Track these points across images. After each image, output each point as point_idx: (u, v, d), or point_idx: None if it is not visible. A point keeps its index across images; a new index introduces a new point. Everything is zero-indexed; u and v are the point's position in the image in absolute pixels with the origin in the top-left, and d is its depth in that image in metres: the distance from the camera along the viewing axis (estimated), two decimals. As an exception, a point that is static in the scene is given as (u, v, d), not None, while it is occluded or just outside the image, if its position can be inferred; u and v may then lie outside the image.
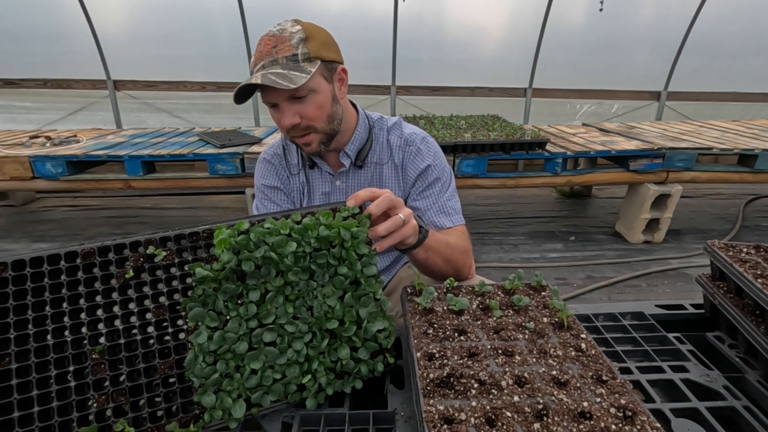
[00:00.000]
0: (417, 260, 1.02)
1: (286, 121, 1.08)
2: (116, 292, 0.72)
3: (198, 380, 0.70)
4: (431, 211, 1.24)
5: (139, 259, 0.73)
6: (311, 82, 1.04)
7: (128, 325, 0.71)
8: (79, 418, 0.66)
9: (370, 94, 5.03)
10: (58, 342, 0.68)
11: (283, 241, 0.74)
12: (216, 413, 0.70)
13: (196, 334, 0.70)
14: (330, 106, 1.12)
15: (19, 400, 0.65)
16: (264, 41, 1.05)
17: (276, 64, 1.02)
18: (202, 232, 0.77)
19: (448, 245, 1.07)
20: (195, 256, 0.75)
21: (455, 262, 1.10)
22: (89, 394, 0.67)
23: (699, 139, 3.69)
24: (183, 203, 4.53)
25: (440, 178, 1.26)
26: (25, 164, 3.13)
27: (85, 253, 0.72)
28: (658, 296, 2.86)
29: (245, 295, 0.73)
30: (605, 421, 0.61)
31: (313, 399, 0.75)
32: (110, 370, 0.69)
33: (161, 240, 0.75)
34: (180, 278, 0.74)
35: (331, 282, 0.78)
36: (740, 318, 0.88)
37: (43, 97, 4.82)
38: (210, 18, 4.63)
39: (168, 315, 0.73)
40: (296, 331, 0.75)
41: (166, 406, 0.70)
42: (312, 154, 1.21)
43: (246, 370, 0.72)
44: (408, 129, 1.31)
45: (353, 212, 0.82)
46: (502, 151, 3.31)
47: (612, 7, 4.51)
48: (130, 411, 0.68)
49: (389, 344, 0.81)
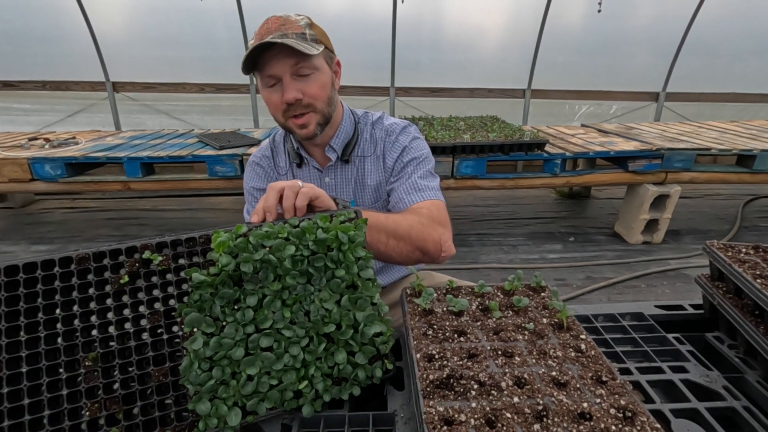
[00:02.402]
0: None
1: (289, 95, 1.06)
2: (110, 298, 0.71)
3: (193, 387, 0.69)
4: (402, 189, 1.20)
5: (134, 265, 0.73)
6: (318, 60, 1.06)
7: (122, 331, 0.70)
8: (71, 427, 0.65)
9: (369, 95, 5.04)
10: (50, 349, 0.67)
11: (281, 245, 0.74)
12: (211, 421, 0.69)
13: (192, 339, 0.69)
14: (330, 89, 1.13)
15: (9, 408, 0.64)
16: (271, 20, 1.05)
17: (287, 37, 1.02)
18: (198, 238, 0.77)
19: (392, 220, 1.00)
20: (191, 261, 0.75)
21: (410, 237, 1.01)
22: (82, 403, 0.66)
23: (697, 139, 3.69)
24: (182, 205, 4.52)
25: (416, 158, 1.24)
26: (24, 166, 3.13)
27: (80, 258, 0.71)
28: (657, 297, 2.86)
29: (242, 299, 0.73)
30: (605, 421, 0.61)
31: (310, 406, 0.74)
32: (103, 377, 0.68)
33: (157, 245, 0.75)
34: (176, 284, 0.74)
35: (328, 285, 0.77)
36: (739, 318, 0.88)
37: (42, 99, 4.82)
38: (209, 20, 4.63)
39: (163, 321, 0.72)
40: (293, 336, 0.74)
41: (160, 415, 0.68)
42: (307, 137, 1.17)
43: (242, 376, 0.71)
44: (389, 120, 1.31)
45: (350, 216, 0.83)
46: (501, 152, 3.31)
47: (610, 8, 4.53)
48: (123, 420, 0.67)
49: (387, 349, 0.80)
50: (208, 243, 0.76)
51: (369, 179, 1.28)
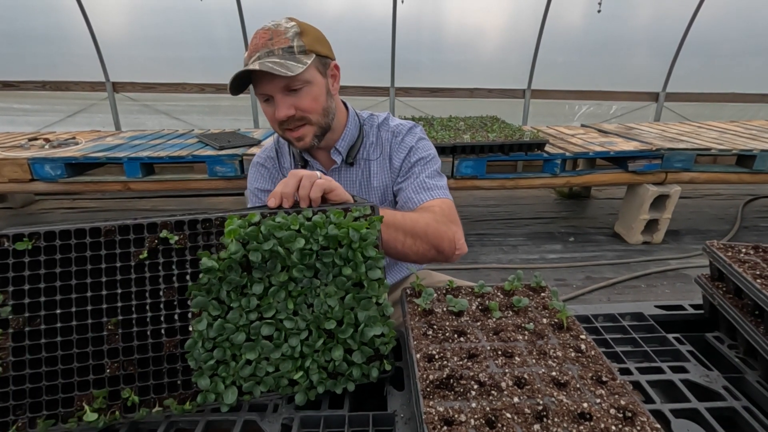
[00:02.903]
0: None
1: (281, 113, 1.06)
2: (132, 270, 0.75)
3: (196, 364, 0.73)
4: (410, 189, 1.20)
5: (154, 241, 0.76)
6: (307, 73, 1.04)
7: (142, 301, 0.75)
8: (95, 380, 0.72)
9: (369, 95, 5.04)
10: (80, 311, 0.73)
11: (291, 237, 0.74)
12: (210, 396, 0.74)
13: (197, 320, 0.73)
14: (324, 99, 1.12)
15: (46, 358, 0.71)
16: (259, 35, 1.05)
17: (272, 55, 1.02)
18: (215, 219, 0.77)
19: (409, 218, 1.00)
20: (207, 242, 0.77)
21: (426, 235, 1.02)
22: (104, 361, 0.73)
23: (697, 139, 3.69)
24: (182, 205, 4.53)
25: (423, 158, 1.24)
26: (24, 166, 3.13)
27: (107, 230, 0.75)
28: (657, 297, 2.87)
29: (249, 287, 0.74)
30: (605, 422, 0.61)
31: (303, 394, 0.76)
32: (123, 341, 0.73)
33: (176, 224, 0.77)
34: (190, 263, 0.76)
35: (334, 282, 0.77)
36: (739, 318, 0.88)
37: (42, 99, 4.82)
38: (209, 20, 4.63)
39: (177, 297, 0.76)
40: (294, 327, 0.75)
41: (169, 381, 0.74)
42: (305, 149, 1.19)
43: (241, 359, 0.74)
44: (394, 122, 1.31)
45: (365, 213, 0.81)
46: (501, 152, 3.31)
47: (610, 8, 4.53)
48: (137, 380, 0.73)
49: (387, 351, 0.80)
50: (223, 225, 0.76)
51: (375, 181, 1.27)
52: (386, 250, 0.95)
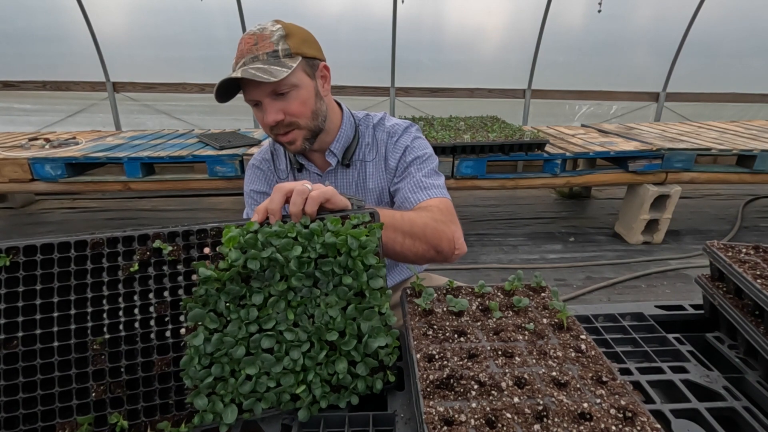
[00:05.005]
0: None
1: (269, 118, 1.06)
2: (121, 284, 0.72)
3: (192, 382, 0.69)
4: (407, 188, 1.18)
5: (145, 253, 0.73)
6: (293, 77, 1.03)
7: (131, 318, 0.71)
8: (79, 405, 0.67)
9: (369, 95, 5.04)
10: (62, 330, 0.69)
11: (288, 245, 0.72)
12: (207, 416, 0.69)
13: (193, 335, 0.69)
14: (313, 102, 1.10)
15: (24, 383, 0.67)
16: (244, 40, 1.04)
17: (257, 61, 1.01)
18: (210, 230, 0.76)
19: (407, 218, 0.99)
20: (201, 253, 0.75)
21: (425, 235, 1.00)
22: (89, 384, 0.68)
23: (698, 139, 3.69)
24: (182, 205, 4.53)
25: (419, 158, 1.23)
26: (24, 166, 3.13)
27: (94, 243, 0.72)
28: (657, 297, 2.87)
29: (248, 297, 0.72)
30: (605, 422, 0.61)
31: (306, 411, 0.73)
32: (110, 361, 0.69)
33: (169, 235, 0.75)
34: (185, 275, 0.74)
35: (335, 291, 0.75)
36: (740, 318, 0.88)
37: (42, 99, 4.82)
38: (209, 20, 4.63)
39: (169, 311, 0.73)
40: (295, 339, 0.73)
41: (161, 402, 0.70)
42: (297, 152, 1.18)
43: (241, 374, 0.71)
44: (390, 122, 1.29)
45: (364, 220, 0.79)
46: (502, 152, 3.31)
47: (610, 8, 4.52)
48: (126, 404, 0.69)
49: (391, 362, 0.78)
50: (218, 236, 0.75)
51: (371, 182, 1.27)
52: (384, 251, 0.93)
